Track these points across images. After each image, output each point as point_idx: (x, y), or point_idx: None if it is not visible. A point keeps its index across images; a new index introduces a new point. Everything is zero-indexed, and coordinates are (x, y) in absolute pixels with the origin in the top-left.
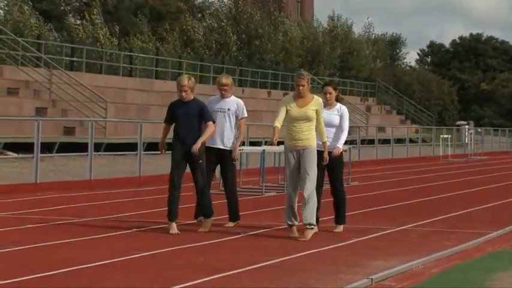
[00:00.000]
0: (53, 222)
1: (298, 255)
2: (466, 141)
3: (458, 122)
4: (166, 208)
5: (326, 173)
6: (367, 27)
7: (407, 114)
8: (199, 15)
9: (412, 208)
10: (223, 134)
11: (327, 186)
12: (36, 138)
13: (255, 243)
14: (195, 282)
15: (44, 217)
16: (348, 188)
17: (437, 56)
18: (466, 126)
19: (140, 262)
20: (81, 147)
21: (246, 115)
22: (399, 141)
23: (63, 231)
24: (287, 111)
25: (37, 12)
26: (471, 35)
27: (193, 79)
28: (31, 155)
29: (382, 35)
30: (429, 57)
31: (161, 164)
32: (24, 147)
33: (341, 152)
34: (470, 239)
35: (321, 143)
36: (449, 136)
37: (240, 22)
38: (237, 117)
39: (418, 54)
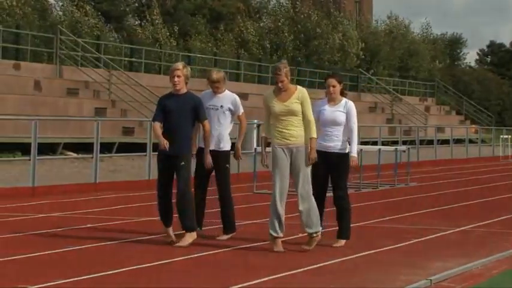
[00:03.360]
0: (111, 222)
1: (356, 256)
2: None
3: None
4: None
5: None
6: (425, 28)
7: (466, 114)
8: (257, 15)
9: (471, 209)
10: (215, 133)
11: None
12: (96, 139)
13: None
14: (253, 282)
15: (103, 217)
16: (407, 188)
17: (497, 56)
18: None
19: (206, 260)
20: (139, 148)
21: (242, 111)
22: (458, 141)
23: (121, 231)
24: (270, 108)
25: (99, 13)
26: None
27: (189, 68)
28: (90, 155)
29: (441, 34)
30: (489, 57)
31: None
32: (84, 148)
33: (346, 155)
34: None
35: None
36: (509, 137)
37: (298, 22)
38: (233, 114)
39: (478, 54)
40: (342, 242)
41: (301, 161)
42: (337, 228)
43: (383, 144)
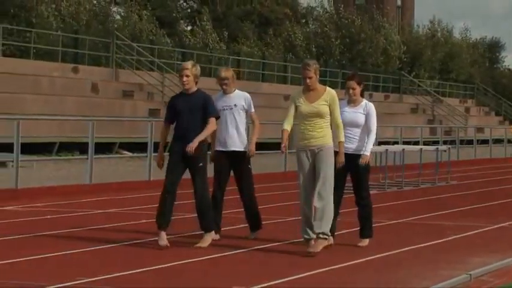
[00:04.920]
0: None
1: (399, 251)
2: None
3: None
4: (156, 215)
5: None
6: (464, 32)
7: (505, 115)
8: (303, 20)
9: (509, 206)
10: (233, 134)
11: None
12: (150, 138)
13: (356, 239)
14: (296, 277)
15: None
16: (447, 186)
17: None
18: None
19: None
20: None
21: (253, 110)
22: (497, 141)
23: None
24: (296, 107)
25: (154, 18)
26: None
27: (198, 67)
28: (145, 154)
29: (481, 38)
30: None
31: (265, 163)
32: (138, 147)
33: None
34: None
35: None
36: None
37: (342, 27)
38: (246, 112)
39: None
40: (366, 241)
41: (322, 161)
42: (359, 228)
43: (424, 144)
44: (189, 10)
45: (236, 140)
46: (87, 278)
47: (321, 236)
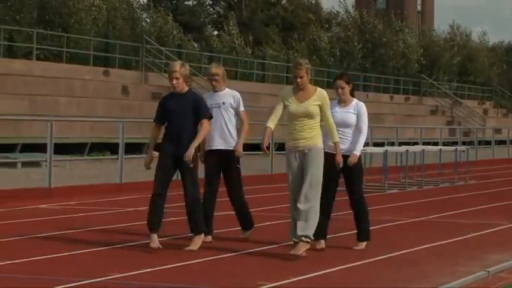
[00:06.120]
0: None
1: (418, 248)
2: None
3: None
4: (147, 217)
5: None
6: (482, 36)
7: None
8: (326, 25)
9: None
10: (222, 132)
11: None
12: None
13: (378, 236)
14: (318, 273)
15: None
16: (466, 186)
17: None
18: None
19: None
20: None
21: (243, 108)
22: None
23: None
24: (285, 106)
25: (177, 23)
26: None
27: (187, 67)
28: None
29: (499, 42)
30: None
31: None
32: None
33: (359, 158)
34: None
35: (331, 144)
36: None
37: (365, 32)
38: (235, 111)
39: None
40: (363, 244)
41: (310, 163)
42: (356, 231)
43: (444, 144)
44: (215, 15)
45: (223, 138)
46: (118, 274)
47: (303, 239)
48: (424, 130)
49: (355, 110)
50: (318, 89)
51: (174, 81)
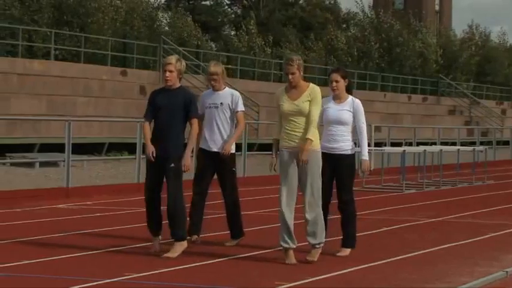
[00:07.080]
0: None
1: (437, 248)
2: None
3: None
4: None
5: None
6: (501, 36)
7: None
8: (344, 25)
9: None
10: (217, 134)
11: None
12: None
13: (396, 236)
14: (336, 273)
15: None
16: (484, 186)
17: None
18: None
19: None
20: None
21: (241, 108)
22: None
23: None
24: (279, 106)
25: (196, 24)
26: None
27: (184, 63)
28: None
29: None
30: None
31: None
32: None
33: (351, 157)
34: None
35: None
36: None
37: (381, 31)
38: (233, 111)
39: None
40: (347, 250)
41: (310, 166)
42: (342, 236)
43: (462, 144)
44: (233, 16)
45: (219, 140)
46: (136, 274)
47: (317, 246)
48: (442, 130)
49: (351, 108)
50: (311, 85)
51: (168, 74)
